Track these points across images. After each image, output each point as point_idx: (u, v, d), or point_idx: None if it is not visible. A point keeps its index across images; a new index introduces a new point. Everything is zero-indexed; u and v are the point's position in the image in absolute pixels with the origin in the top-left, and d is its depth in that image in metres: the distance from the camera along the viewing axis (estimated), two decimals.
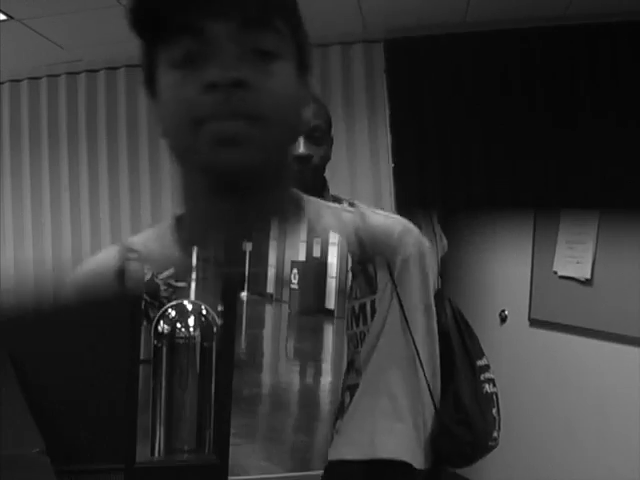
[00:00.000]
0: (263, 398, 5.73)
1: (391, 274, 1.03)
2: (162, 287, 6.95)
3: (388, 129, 3.26)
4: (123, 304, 1.97)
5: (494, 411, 1.26)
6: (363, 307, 1.06)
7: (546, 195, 3.03)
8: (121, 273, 1.02)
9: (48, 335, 3.44)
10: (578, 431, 3.07)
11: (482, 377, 1.25)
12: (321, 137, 1.79)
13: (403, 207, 3.11)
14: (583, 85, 3.01)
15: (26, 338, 3.39)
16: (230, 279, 2.11)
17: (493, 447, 1.32)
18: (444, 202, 3.15)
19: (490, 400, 1.25)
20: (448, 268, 3.65)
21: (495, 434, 1.29)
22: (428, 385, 1.09)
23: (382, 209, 1.10)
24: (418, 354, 1.07)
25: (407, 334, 1.05)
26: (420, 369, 1.08)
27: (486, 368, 1.28)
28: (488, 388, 1.26)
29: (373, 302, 1.05)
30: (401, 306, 1.04)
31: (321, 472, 1.14)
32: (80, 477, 3.42)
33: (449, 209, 2.95)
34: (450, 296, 1.30)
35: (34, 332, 3.42)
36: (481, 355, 1.29)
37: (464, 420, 1.17)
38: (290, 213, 1.01)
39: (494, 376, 1.26)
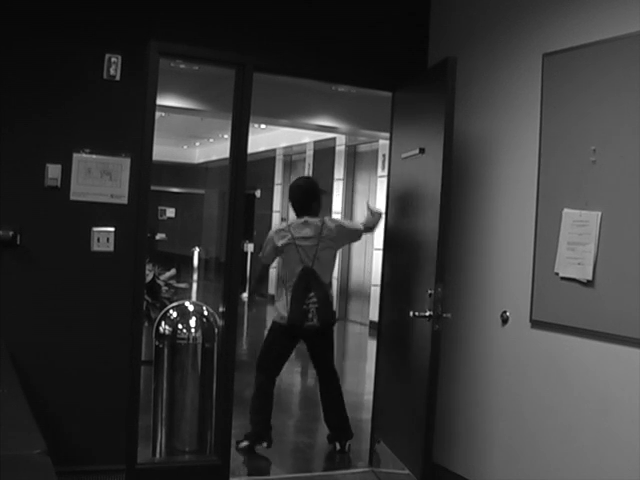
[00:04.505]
0: None
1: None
2: (163, 288, 6.95)
3: None
4: None
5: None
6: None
7: None
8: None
9: (50, 336, 3.45)
10: (579, 432, 3.07)
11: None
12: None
13: None
14: None
15: (28, 338, 3.39)
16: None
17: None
18: None
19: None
20: (450, 269, 3.66)
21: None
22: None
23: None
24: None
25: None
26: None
27: None
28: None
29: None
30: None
31: (322, 473, 1.15)
32: (82, 478, 3.42)
33: None
34: (452, 296, 1.33)
35: (36, 333, 3.43)
36: None
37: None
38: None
39: None
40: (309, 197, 4.38)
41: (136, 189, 3.56)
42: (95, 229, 3.52)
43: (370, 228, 4.49)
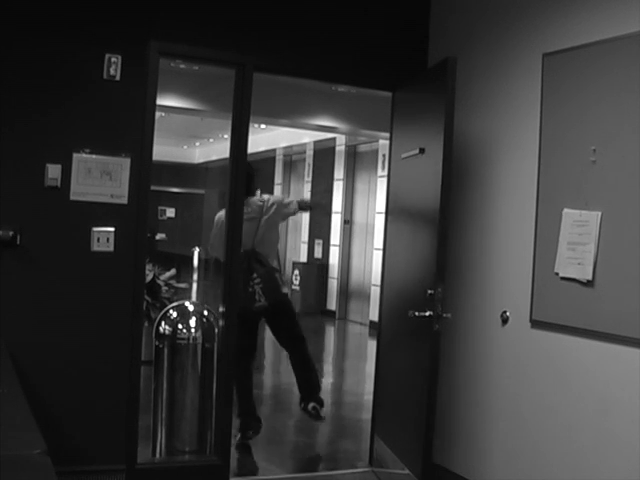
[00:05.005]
0: (264, 399, 5.73)
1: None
2: (164, 288, 6.95)
3: None
4: None
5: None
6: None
7: None
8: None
9: (50, 336, 3.45)
10: (579, 432, 3.07)
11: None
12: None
13: None
14: None
15: (28, 338, 3.39)
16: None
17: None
18: None
19: None
20: (450, 269, 3.66)
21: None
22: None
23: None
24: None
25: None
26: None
27: None
28: None
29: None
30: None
31: (322, 473, 1.15)
32: (82, 478, 3.42)
33: None
34: (452, 296, 1.32)
35: (36, 333, 3.43)
36: None
37: None
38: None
39: None
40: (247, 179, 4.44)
41: (136, 189, 3.56)
42: (95, 229, 3.52)
43: (304, 209, 5.07)
